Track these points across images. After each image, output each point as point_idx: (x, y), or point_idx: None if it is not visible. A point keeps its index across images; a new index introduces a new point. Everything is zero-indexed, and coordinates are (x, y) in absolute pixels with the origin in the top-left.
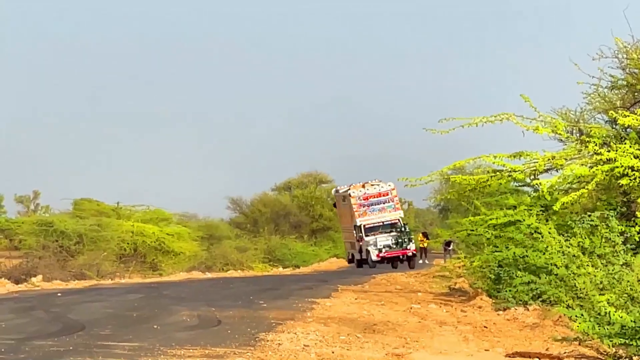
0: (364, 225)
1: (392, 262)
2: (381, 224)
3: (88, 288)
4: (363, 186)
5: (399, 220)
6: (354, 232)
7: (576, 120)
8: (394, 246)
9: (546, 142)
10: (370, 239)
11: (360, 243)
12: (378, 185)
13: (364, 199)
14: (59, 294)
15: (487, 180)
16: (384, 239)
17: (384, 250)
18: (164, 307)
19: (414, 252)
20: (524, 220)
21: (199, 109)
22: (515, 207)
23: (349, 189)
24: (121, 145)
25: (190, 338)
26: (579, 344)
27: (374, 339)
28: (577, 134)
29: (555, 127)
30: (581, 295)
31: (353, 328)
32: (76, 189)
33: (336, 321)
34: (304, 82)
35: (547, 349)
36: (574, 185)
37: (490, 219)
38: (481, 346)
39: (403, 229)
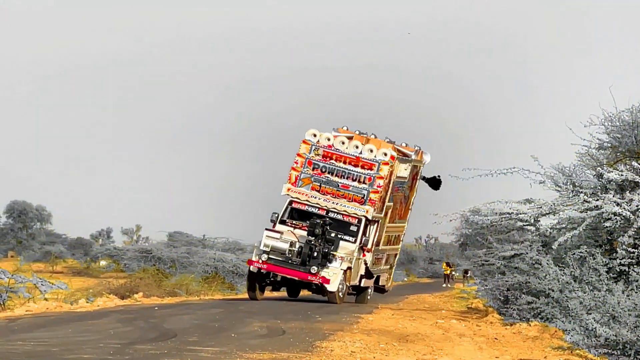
0: (292, 202)
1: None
2: (323, 213)
3: (179, 303)
4: (342, 135)
5: (362, 219)
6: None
7: (570, 174)
8: (295, 260)
9: (545, 191)
10: (276, 233)
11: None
12: (364, 146)
13: (324, 155)
14: (156, 308)
15: (499, 220)
16: (283, 243)
17: (270, 260)
18: (239, 319)
19: (325, 282)
20: (527, 253)
21: (275, 143)
22: (521, 242)
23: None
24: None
25: (260, 344)
26: (571, 353)
27: (406, 347)
28: (571, 186)
29: (556, 181)
30: (572, 314)
31: (390, 338)
32: (171, 222)
33: (377, 332)
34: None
35: (545, 357)
36: (568, 226)
37: (500, 252)
38: (493, 354)
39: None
